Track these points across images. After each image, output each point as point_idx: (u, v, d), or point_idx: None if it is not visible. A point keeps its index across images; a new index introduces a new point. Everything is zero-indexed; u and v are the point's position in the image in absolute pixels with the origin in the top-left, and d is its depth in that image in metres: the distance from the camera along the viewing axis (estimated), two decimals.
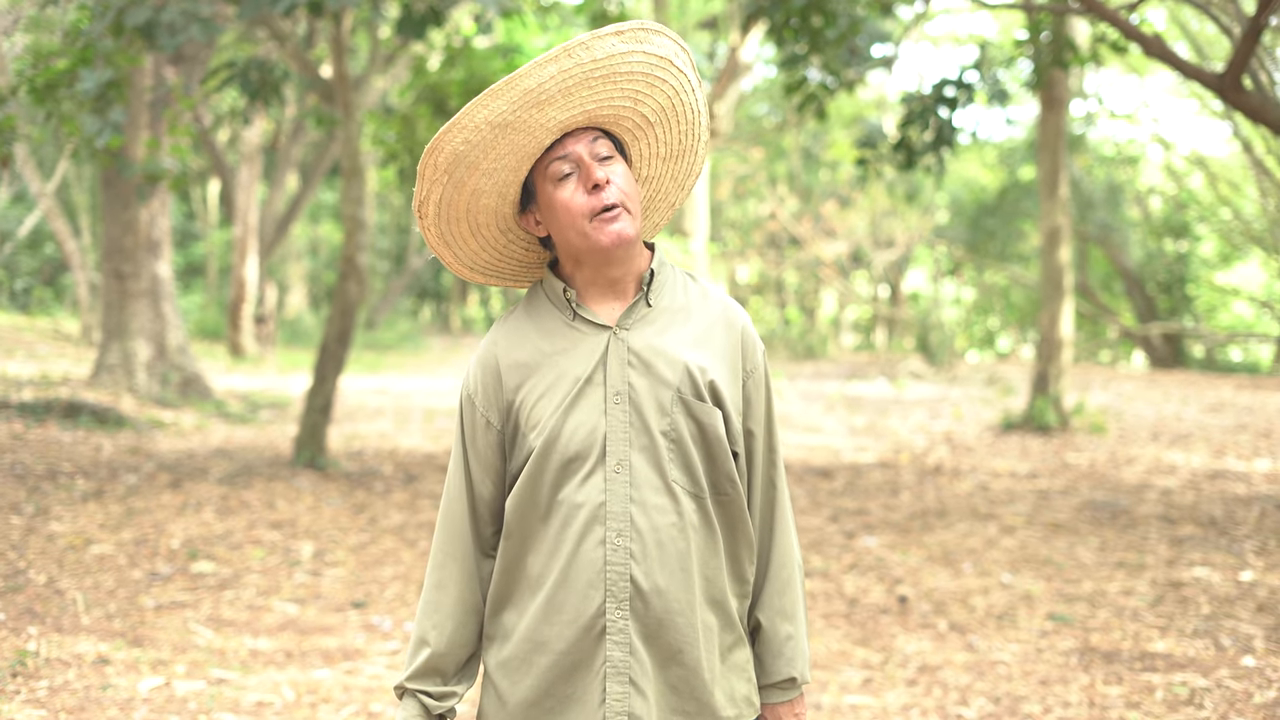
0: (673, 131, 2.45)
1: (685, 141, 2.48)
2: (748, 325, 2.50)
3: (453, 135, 2.26)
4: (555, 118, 2.27)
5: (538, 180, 2.38)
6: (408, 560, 7.84)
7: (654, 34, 2.29)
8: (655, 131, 2.43)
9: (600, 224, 2.33)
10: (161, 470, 10.27)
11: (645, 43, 2.28)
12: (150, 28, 8.20)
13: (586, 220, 2.33)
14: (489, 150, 2.28)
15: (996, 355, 33.58)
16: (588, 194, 2.33)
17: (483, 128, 2.25)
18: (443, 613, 2.46)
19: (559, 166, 2.34)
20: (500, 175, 2.34)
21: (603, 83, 2.27)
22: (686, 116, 2.43)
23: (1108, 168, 28.35)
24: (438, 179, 2.33)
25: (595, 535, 2.32)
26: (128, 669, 5.51)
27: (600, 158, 2.35)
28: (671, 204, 2.60)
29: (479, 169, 2.31)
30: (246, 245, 23.74)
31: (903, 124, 10.42)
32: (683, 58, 2.35)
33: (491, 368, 2.45)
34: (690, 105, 2.42)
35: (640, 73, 2.30)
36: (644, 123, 2.41)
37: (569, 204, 2.34)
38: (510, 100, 2.22)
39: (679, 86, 2.37)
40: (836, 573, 7.75)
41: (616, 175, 2.35)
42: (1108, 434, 14.09)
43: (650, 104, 2.37)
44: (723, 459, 2.39)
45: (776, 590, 2.52)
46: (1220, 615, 6.63)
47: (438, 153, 2.29)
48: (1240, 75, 7.79)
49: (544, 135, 2.30)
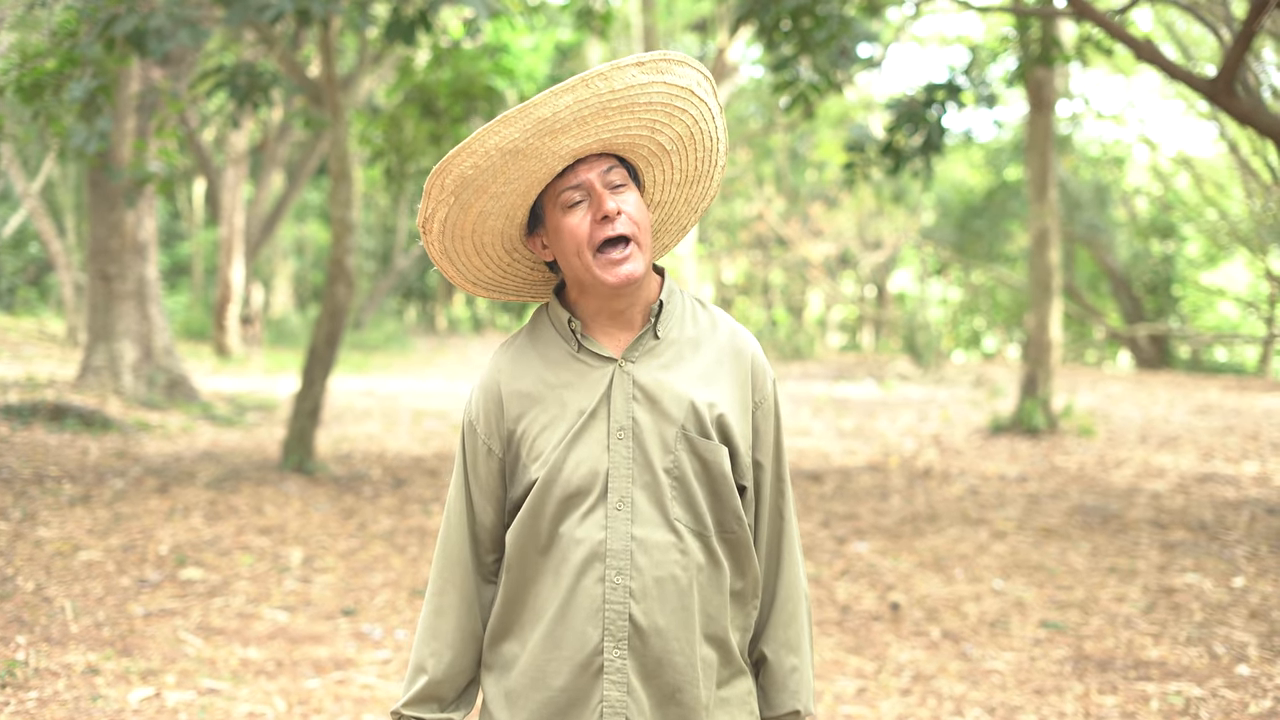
0: (689, 159, 2.40)
1: (701, 168, 2.44)
2: (758, 353, 2.46)
3: (462, 159, 2.22)
4: (568, 145, 2.23)
5: (547, 205, 2.34)
6: (398, 566, 7.81)
7: (676, 64, 2.24)
8: (672, 159, 2.39)
9: (608, 262, 2.29)
10: (149, 474, 10.22)
11: (667, 73, 2.24)
12: (139, 35, 8.15)
13: (593, 252, 2.29)
14: (498, 175, 2.24)
15: (983, 356, 33.63)
16: (597, 223, 2.29)
17: (493, 153, 2.20)
18: (441, 640, 2.44)
19: (570, 195, 2.30)
20: (508, 199, 2.30)
21: (620, 113, 2.23)
22: (704, 144, 2.39)
23: (1094, 168, 28.40)
24: (444, 199, 2.29)
25: (595, 572, 2.29)
26: (118, 679, 5.47)
27: (613, 186, 2.31)
28: (683, 227, 2.57)
29: (487, 192, 2.27)
30: (232, 246, 23.68)
31: (890, 128, 10.41)
32: (705, 86, 2.30)
33: (494, 395, 2.42)
34: (709, 133, 2.37)
35: (660, 103, 2.26)
36: (660, 151, 2.36)
37: (576, 232, 2.29)
38: (523, 128, 2.17)
39: (699, 115, 2.32)
40: (828, 579, 7.73)
41: (628, 205, 2.31)
42: (1096, 436, 14.10)
43: (668, 133, 2.33)
44: (728, 496, 2.36)
45: (782, 623, 2.49)
46: (1213, 622, 6.63)
47: (445, 175, 2.25)
48: (1232, 80, 7.79)
49: (555, 162, 2.25)
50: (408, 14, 9.37)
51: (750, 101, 31.78)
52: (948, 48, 28.89)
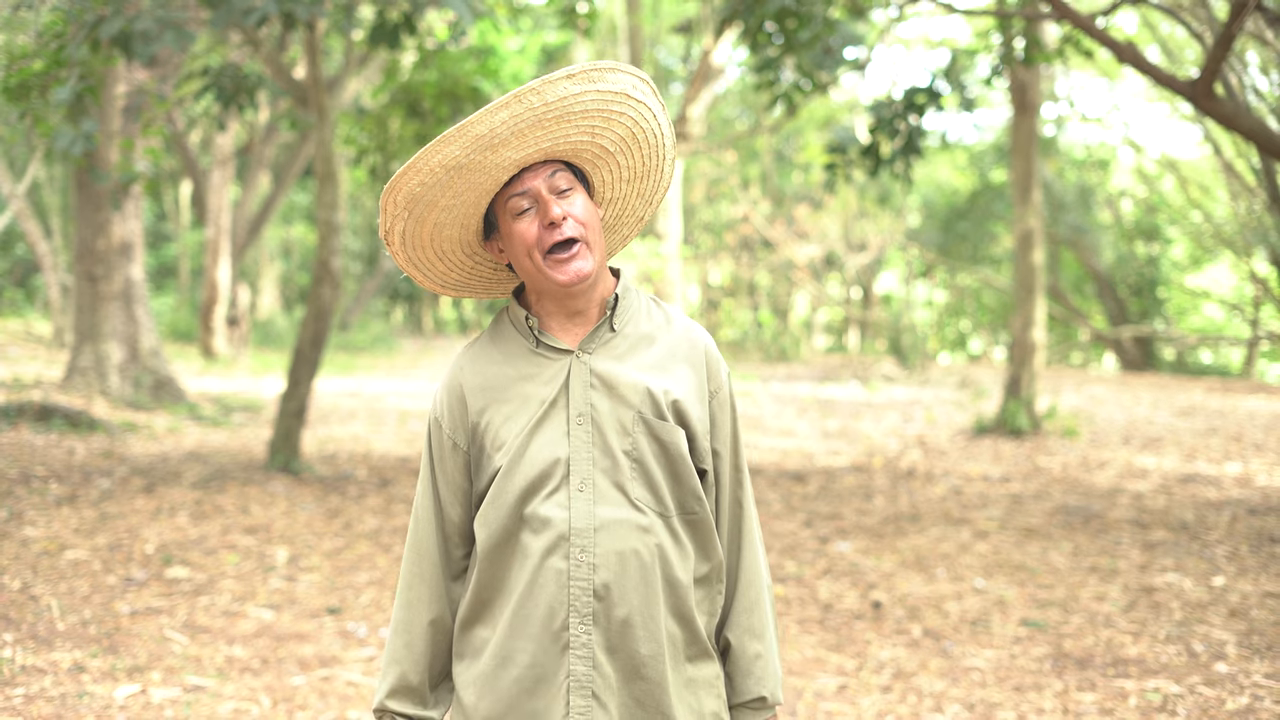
0: (635, 156, 2.48)
1: (649, 163, 2.51)
2: (710, 347, 2.55)
3: (409, 177, 2.32)
4: (510, 157, 2.31)
5: (499, 212, 2.43)
6: (383, 566, 7.84)
7: (607, 72, 2.32)
8: (617, 159, 2.47)
9: (557, 263, 2.37)
10: (135, 474, 10.24)
11: (599, 81, 2.31)
12: (125, 38, 8.17)
13: (543, 255, 2.38)
14: (445, 189, 2.33)
15: (968, 358, 33.70)
16: (545, 229, 2.37)
17: (437, 170, 2.30)
18: (413, 632, 2.51)
19: (517, 202, 2.38)
20: (460, 210, 2.39)
21: (556, 123, 2.31)
22: (649, 141, 2.46)
23: (1079, 171, 28.47)
24: (399, 214, 2.39)
25: (560, 551, 2.35)
26: (104, 676, 5.50)
27: (559, 191, 2.39)
28: (640, 218, 2.64)
29: (438, 205, 2.37)
30: (219, 247, 23.66)
31: (872, 130, 10.46)
32: (641, 88, 2.38)
33: (457, 392, 2.50)
34: (652, 130, 2.45)
35: (595, 109, 2.33)
36: (604, 153, 2.44)
37: (526, 237, 2.38)
38: (463, 145, 2.27)
39: (638, 116, 2.40)
40: (810, 578, 7.77)
41: (575, 208, 2.39)
42: (1079, 437, 14.16)
43: (610, 136, 2.40)
44: (687, 477, 2.43)
45: (744, 609, 2.55)
46: (1192, 621, 6.68)
47: (396, 192, 2.35)
48: (1212, 83, 7.84)
49: (500, 173, 2.34)
50: (392, 17, 9.41)
51: (736, 104, 31.83)
52: (933, 51, 28.98)
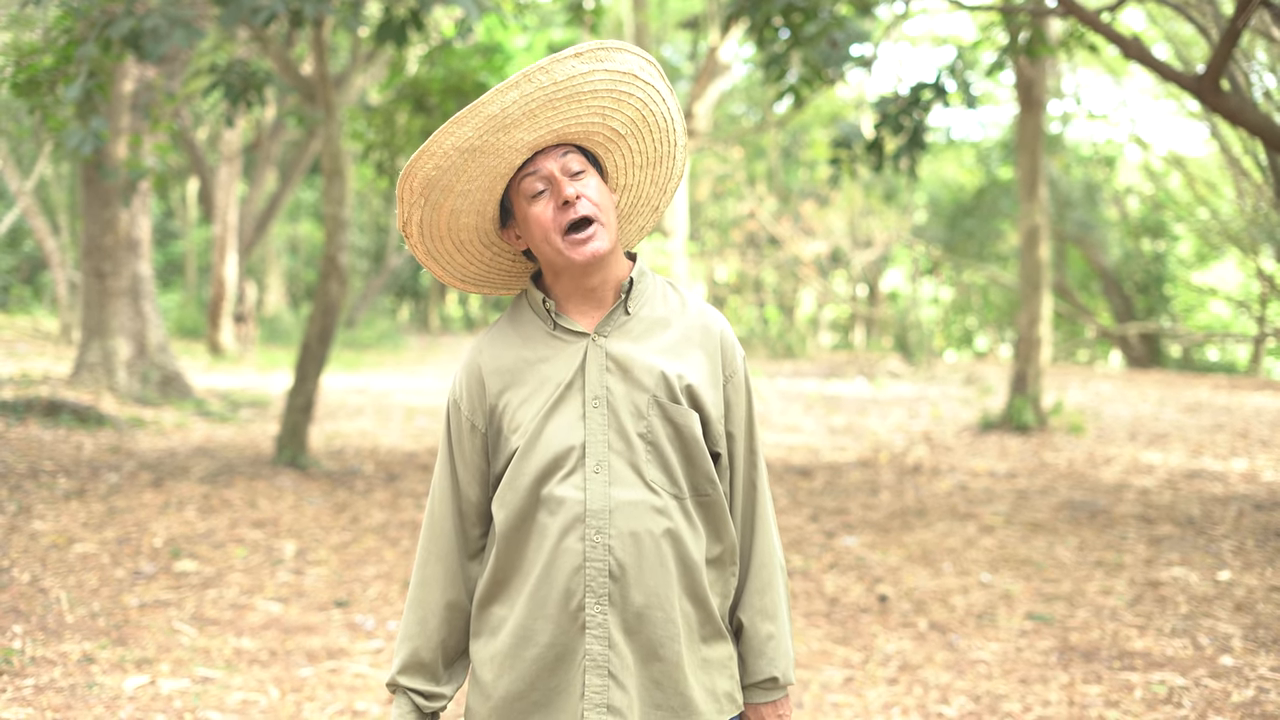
0: (646, 141, 2.50)
1: (661, 148, 2.53)
2: (726, 330, 2.56)
3: (424, 162, 2.34)
4: (522, 139, 2.34)
5: (514, 198, 2.45)
6: (390, 559, 7.86)
7: (614, 51, 2.35)
8: (628, 142, 2.49)
9: (573, 242, 2.39)
10: (143, 469, 10.27)
11: (606, 60, 2.34)
12: (135, 36, 8.19)
13: (559, 236, 2.40)
14: (460, 174, 2.36)
15: (974, 354, 33.68)
16: (560, 210, 2.39)
17: (451, 153, 2.32)
18: (427, 608, 2.53)
19: (532, 184, 2.40)
20: (475, 195, 2.42)
21: (567, 103, 2.33)
22: (659, 125, 2.48)
23: (1085, 167, 28.44)
24: (415, 202, 2.42)
25: (576, 531, 2.37)
26: (113, 667, 5.52)
27: (571, 173, 2.41)
28: (655, 207, 2.66)
29: (453, 191, 2.39)
30: (226, 244, 23.71)
31: (877, 126, 10.46)
32: (648, 70, 2.41)
33: (475, 374, 2.52)
34: (661, 114, 2.47)
35: (604, 89, 2.36)
36: (615, 135, 2.46)
37: (542, 220, 2.40)
38: (475, 126, 2.29)
39: (646, 98, 2.42)
40: (817, 572, 7.79)
41: (588, 189, 2.41)
42: (1085, 434, 14.16)
43: (619, 118, 2.43)
44: (701, 460, 2.45)
45: (757, 590, 2.56)
46: (1198, 615, 6.69)
47: (411, 178, 2.37)
48: (1218, 78, 7.84)
49: (513, 156, 2.36)
50: (399, 14, 9.42)
51: (742, 100, 31.83)
52: (939, 48, 28.95)
